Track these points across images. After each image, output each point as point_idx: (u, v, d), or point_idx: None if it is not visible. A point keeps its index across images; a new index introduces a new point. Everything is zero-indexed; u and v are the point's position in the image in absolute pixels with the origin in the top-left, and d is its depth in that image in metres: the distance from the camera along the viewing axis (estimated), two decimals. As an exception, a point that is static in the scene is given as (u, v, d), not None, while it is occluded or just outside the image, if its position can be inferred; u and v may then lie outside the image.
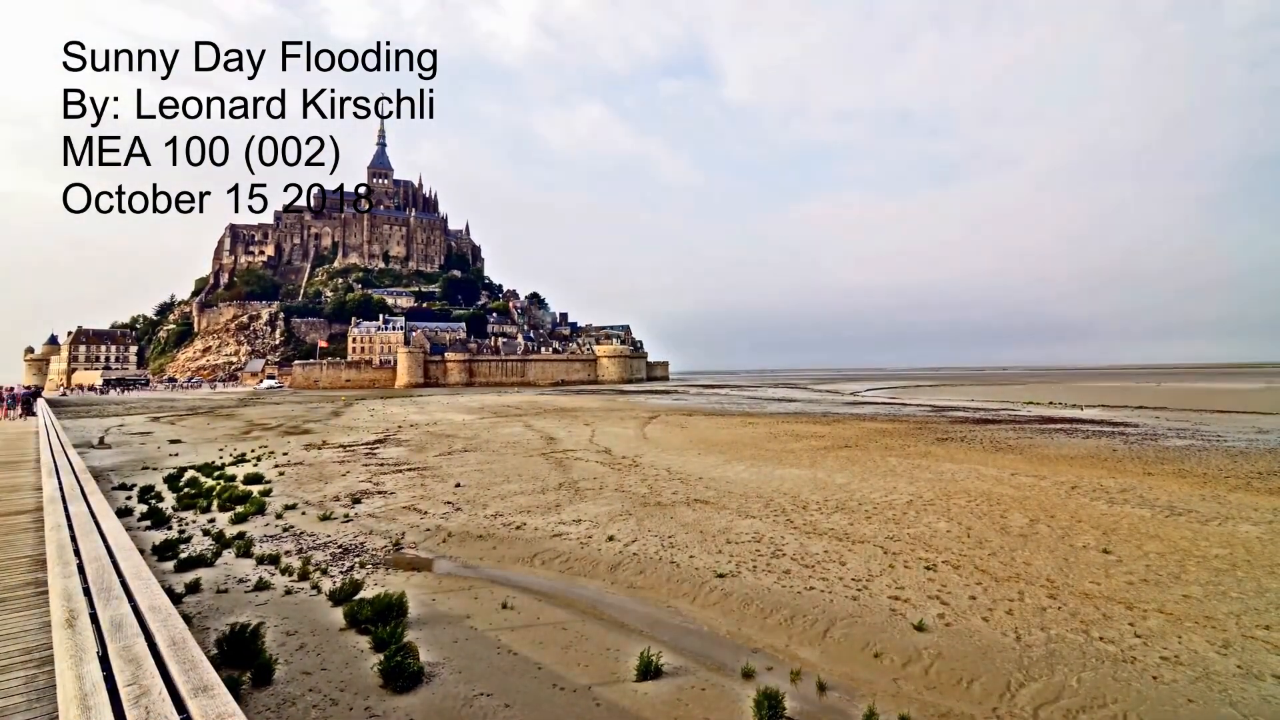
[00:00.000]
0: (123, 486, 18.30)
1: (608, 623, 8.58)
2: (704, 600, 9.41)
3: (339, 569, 10.70)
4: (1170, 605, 8.88)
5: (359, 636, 7.80)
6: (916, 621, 8.35)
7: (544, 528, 13.55)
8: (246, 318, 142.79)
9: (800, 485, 17.79)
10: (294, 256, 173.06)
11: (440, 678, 6.84)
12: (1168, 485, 17.33)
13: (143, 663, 2.69)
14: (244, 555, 11.33)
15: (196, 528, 13.44)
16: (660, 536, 12.68)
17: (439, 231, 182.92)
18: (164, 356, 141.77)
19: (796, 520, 13.84)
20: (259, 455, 25.52)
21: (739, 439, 29.74)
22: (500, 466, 21.96)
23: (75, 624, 3.33)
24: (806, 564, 10.86)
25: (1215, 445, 26.10)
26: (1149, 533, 12.55)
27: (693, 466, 21.40)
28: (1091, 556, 11.09)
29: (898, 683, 6.91)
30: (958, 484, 17.73)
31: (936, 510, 14.61)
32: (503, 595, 9.42)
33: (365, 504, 15.99)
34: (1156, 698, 6.49)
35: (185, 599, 9.06)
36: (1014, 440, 28.46)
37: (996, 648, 7.67)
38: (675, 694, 6.59)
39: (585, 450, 26.09)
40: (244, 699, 6.29)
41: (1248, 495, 16.02)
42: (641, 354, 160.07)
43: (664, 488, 17.66)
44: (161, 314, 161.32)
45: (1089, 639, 7.85)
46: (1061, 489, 16.91)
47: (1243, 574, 10.14)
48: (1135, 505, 14.92)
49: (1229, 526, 13.01)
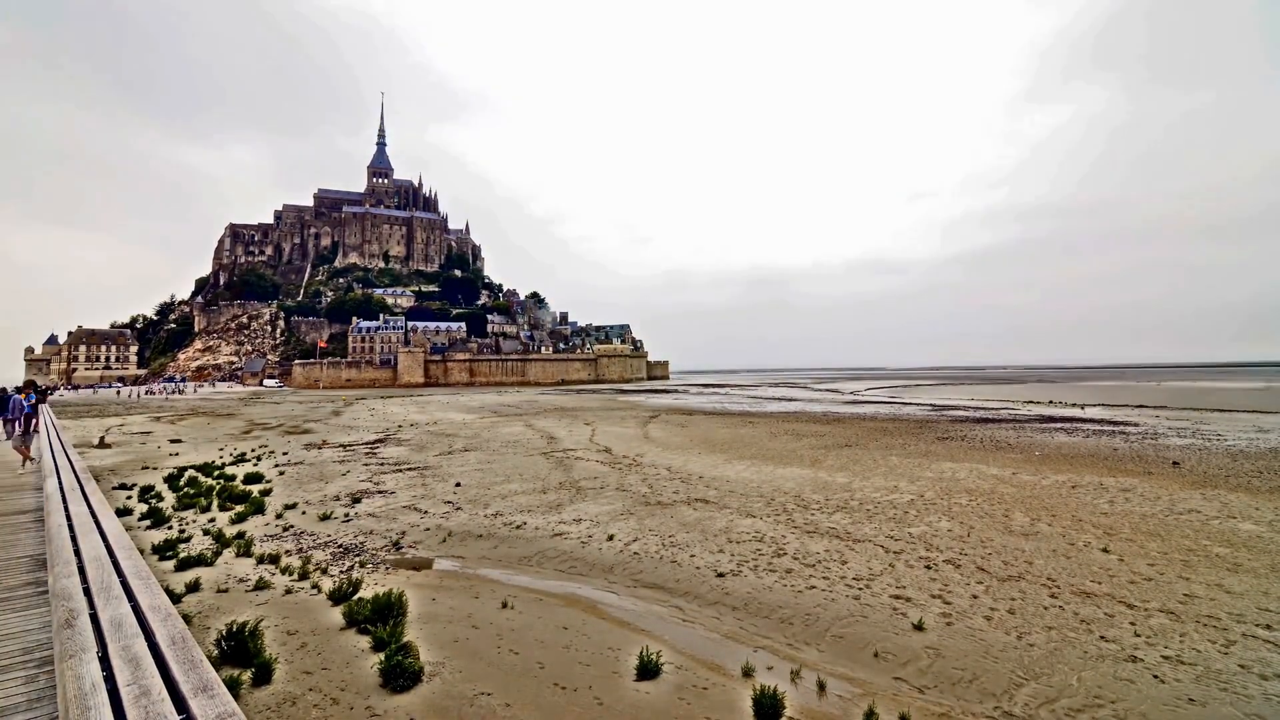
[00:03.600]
0: (123, 486, 18.29)
1: (608, 622, 8.57)
2: (704, 599, 9.40)
3: (339, 568, 10.69)
4: (1172, 604, 8.87)
5: (359, 636, 7.79)
6: (917, 620, 8.34)
7: (545, 527, 13.54)
8: (246, 317, 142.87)
9: (801, 485, 17.78)
10: (294, 256, 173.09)
11: (441, 677, 6.83)
12: (1169, 484, 17.32)
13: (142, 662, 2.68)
14: (244, 554, 11.32)
15: (196, 527, 13.43)
16: (661, 536, 12.67)
17: (439, 231, 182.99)
18: (164, 356, 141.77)
19: (798, 519, 13.83)
20: (259, 455, 25.51)
21: (740, 438, 29.73)
22: (501, 466, 21.95)
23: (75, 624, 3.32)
24: (808, 563, 10.85)
25: (1216, 444, 26.08)
26: (1150, 532, 12.54)
27: (693, 466, 21.39)
28: (1093, 556, 11.08)
29: (898, 682, 6.90)
30: (959, 483, 17.72)
31: (938, 510, 14.60)
32: (503, 594, 9.41)
33: (365, 503, 15.99)
34: (1158, 697, 6.48)
35: (185, 598, 9.05)
36: (1015, 439, 28.45)
37: (998, 647, 7.65)
38: (675, 693, 6.58)
39: (586, 450, 26.08)
40: (244, 698, 6.28)
41: (1249, 495, 16.00)
42: (642, 353, 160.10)
43: (665, 487, 17.65)
44: (162, 314, 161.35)
45: (1091, 638, 7.84)
46: (1063, 488, 16.90)
47: (1244, 573, 10.13)
48: (1136, 504, 14.91)
49: (1230, 525, 13.00)
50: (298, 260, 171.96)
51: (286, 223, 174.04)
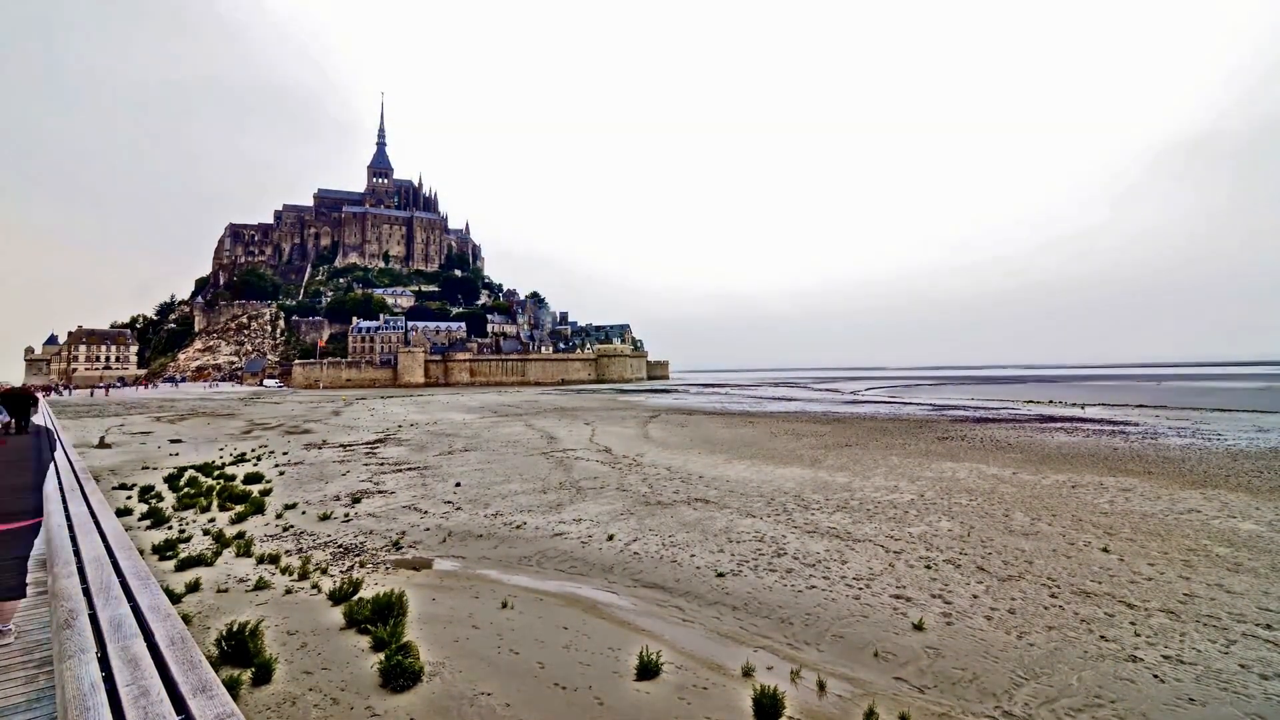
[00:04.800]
0: (123, 486, 18.28)
1: (609, 621, 8.56)
2: (704, 599, 9.39)
3: (339, 568, 10.69)
4: (1172, 604, 8.86)
5: (359, 636, 7.79)
6: (917, 620, 8.34)
7: (545, 527, 13.53)
8: (246, 317, 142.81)
9: (801, 484, 17.78)
10: (294, 256, 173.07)
11: (441, 677, 6.82)
12: (1169, 484, 17.31)
13: (142, 663, 2.68)
14: (244, 555, 11.31)
15: (196, 527, 13.42)
16: (661, 536, 12.67)
17: (439, 231, 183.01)
18: (164, 356, 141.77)
19: (798, 519, 13.83)
20: (259, 455, 25.50)
21: (740, 438, 29.73)
22: (501, 466, 21.94)
23: (75, 624, 3.31)
24: (808, 563, 10.85)
25: (1216, 444, 26.08)
26: (1151, 531, 12.54)
27: (694, 466, 21.39)
28: (1093, 555, 11.08)
29: (899, 681, 6.90)
30: (959, 483, 17.72)
31: (938, 509, 14.60)
32: (503, 594, 9.41)
33: (365, 503, 15.98)
34: (1158, 697, 6.47)
35: (185, 598, 9.04)
36: (1015, 439, 28.46)
37: (998, 646, 7.65)
38: (676, 693, 6.57)
39: (586, 449, 26.08)
40: (244, 698, 6.28)
41: (1249, 494, 16.00)
42: (642, 353, 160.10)
43: (665, 487, 17.65)
44: (162, 314, 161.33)
45: (1091, 638, 7.84)
46: (1063, 488, 16.89)
47: (1245, 573, 10.13)
48: (1137, 504, 14.91)
49: (1230, 525, 12.99)
50: (298, 260, 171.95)
51: (286, 223, 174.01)
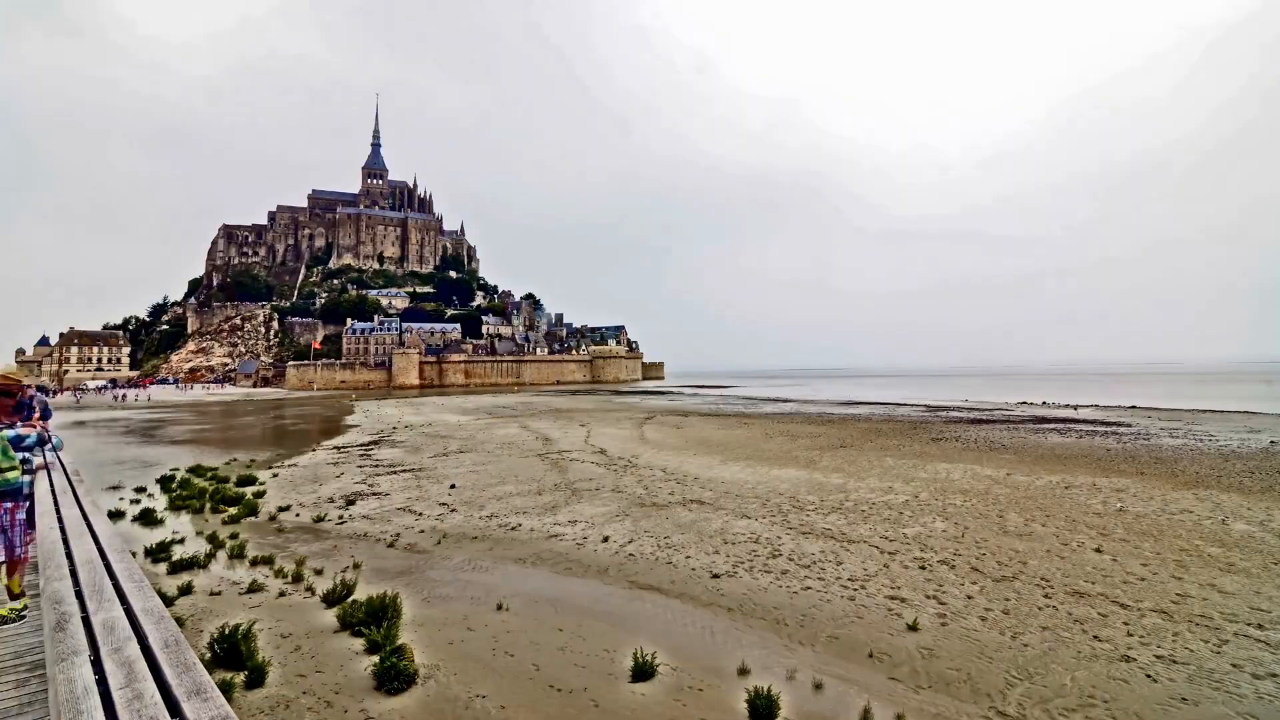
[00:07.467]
0: (116, 488, 18.17)
1: (604, 623, 8.55)
2: (700, 600, 9.39)
3: (333, 570, 10.64)
4: (1165, 604, 8.92)
5: (353, 638, 7.75)
6: (912, 621, 8.37)
7: (540, 529, 13.51)
8: (240, 319, 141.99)
9: (796, 486, 17.81)
10: (288, 257, 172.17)
11: (436, 679, 6.80)
12: (1161, 485, 17.44)
13: (135, 666, 2.66)
14: (237, 557, 11.25)
15: (190, 529, 13.35)
16: (657, 537, 12.66)
17: (434, 232, 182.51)
18: (157, 358, 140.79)
19: (793, 520, 13.85)
20: (252, 457, 25.37)
21: (735, 440, 29.76)
22: (496, 468, 21.90)
23: (67, 627, 3.29)
24: (803, 564, 10.87)
25: (1208, 445, 26.29)
26: (1144, 532, 12.62)
27: (689, 467, 21.40)
28: (1087, 556, 11.15)
29: (894, 682, 6.92)
30: (954, 484, 17.79)
31: (933, 510, 14.65)
32: (498, 596, 9.38)
33: (360, 505, 15.92)
34: (1151, 696, 6.52)
35: (178, 601, 8.98)
36: (1009, 440, 28.59)
37: (992, 647, 7.69)
38: (671, 694, 6.58)
39: (581, 451, 26.05)
40: (238, 701, 6.24)
41: (1241, 495, 16.13)
42: (637, 354, 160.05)
43: (660, 488, 17.65)
44: (154, 315, 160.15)
45: (1085, 638, 7.88)
46: (1056, 489, 16.99)
47: (1237, 573, 10.20)
48: (1130, 505, 15.01)
49: (1223, 526, 13.09)
50: (291, 261, 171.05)
51: (280, 223, 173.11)
